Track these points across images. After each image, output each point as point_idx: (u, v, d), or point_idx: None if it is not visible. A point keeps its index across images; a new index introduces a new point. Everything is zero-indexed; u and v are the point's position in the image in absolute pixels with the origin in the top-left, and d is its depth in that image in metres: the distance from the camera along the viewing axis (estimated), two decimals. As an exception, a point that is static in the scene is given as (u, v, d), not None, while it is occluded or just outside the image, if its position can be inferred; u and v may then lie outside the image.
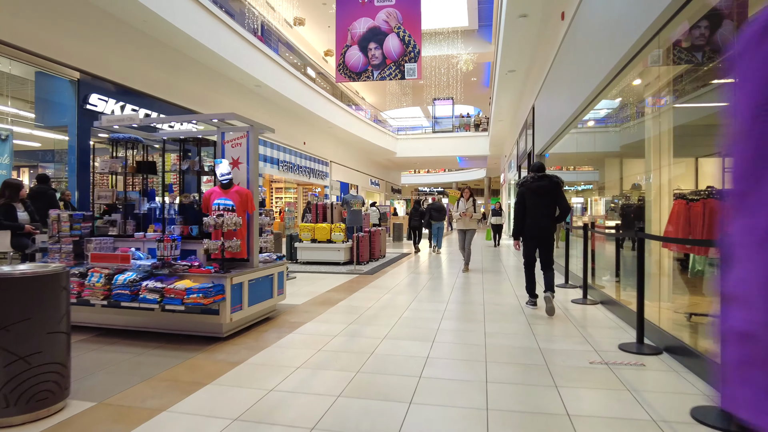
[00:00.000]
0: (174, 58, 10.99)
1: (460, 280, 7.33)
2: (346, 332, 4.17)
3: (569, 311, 5.13)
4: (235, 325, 4.07)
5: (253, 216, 4.37)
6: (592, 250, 5.84)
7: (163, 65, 10.91)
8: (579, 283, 6.68)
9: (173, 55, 10.87)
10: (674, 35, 4.03)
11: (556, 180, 5.01)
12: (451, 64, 23.38)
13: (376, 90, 28.21)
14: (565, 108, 7.90)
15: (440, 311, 5.03)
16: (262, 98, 14.56)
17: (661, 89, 4.74)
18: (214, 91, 12.72)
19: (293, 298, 5.71)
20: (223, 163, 4.23)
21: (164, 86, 11.04)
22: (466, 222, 8.07)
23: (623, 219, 6.04)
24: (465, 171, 39.89)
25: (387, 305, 5.35)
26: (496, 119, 18.06)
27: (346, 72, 13.89)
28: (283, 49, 18.55)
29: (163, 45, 10.47)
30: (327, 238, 8.98)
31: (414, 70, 13.56)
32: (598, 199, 8.26)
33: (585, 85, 6.53)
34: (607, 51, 5.30)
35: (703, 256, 4.15)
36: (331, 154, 20.79)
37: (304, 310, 5.10)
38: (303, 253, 9.11)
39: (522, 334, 4.14)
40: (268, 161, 15.34)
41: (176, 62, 11.12)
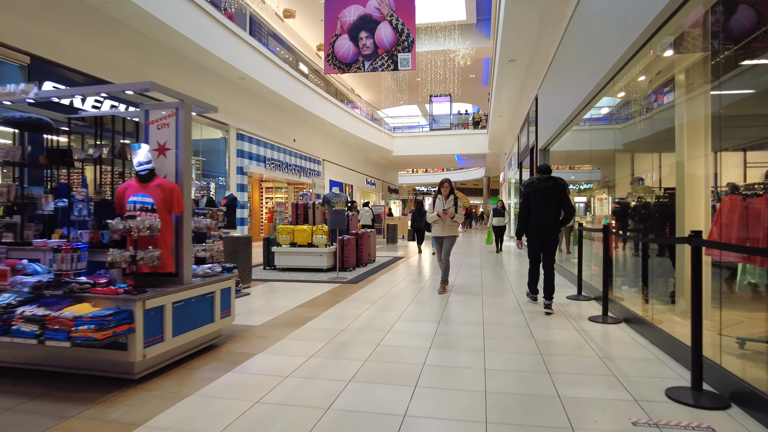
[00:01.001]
0: (147, 46, 9.97)
1: (455, 292, 6.30)
2: (303, 370, 3.14)
3: (588, 333, 4.09)
4: (154, 363, 3.04)
5: (184, 218, 3.34)
6: (609, 256, 4.81)
7: (135, 53, 9.89)
8: (593, 294, 5.65)
9: (146, 43, 9.85)
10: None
11: (561, 182, 5.11)
12: (448, 59, 22.36)
13: (372, 87, 27.19)
14: (573, 97, 6.88)
15: (429, 335, 4.00)
16: (247, 91, 13.54)
17: (694, 70, 3.73)
18: (191, 82, 11.70)
19: (253, 317, 4.68)
20: (142, 149, 3.20)
21: (135, 76, 10.02)
22: (445, 226, 6.04)
23: (642, 220, 5.03)
24: (463, 170, 38.88)
25: (365, 326, 4.32)
26: (495, 115, 17.02)
27: (335, 63, 12.88)
28: (274, 44, 17.54)
29: (133, 31, 9.45)
30: (308, 241, 7.95)
31: (408, 60, 12.55)
32: (603, 198, 7.25)
33: (595, 71, 5.53)
34: (622, 28, 4.29)
35: (764, 268, 3.13)
36: (324, 152, 19.77)
37: (260, 334, 4.07)
38: (281, 258, 8.08)
39: (533, 371, 3.11)
40: (254, 159, 14.31)
41: (150, 50, 10.11)
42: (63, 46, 8.14)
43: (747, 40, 3.01)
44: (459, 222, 6.11)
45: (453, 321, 4.53)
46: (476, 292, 6.08)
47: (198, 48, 10.28)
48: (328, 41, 12.93)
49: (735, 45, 3.11)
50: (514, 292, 6.08)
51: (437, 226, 6.08)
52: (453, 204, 6.02)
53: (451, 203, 6.01)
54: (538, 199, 5.03)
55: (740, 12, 3.08)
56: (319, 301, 5.54)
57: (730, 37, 3.14)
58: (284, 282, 6.95)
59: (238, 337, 3.97)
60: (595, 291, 5.69)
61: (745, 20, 3.07)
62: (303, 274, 7.66)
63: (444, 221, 6.01)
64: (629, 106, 5.55)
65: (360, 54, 12.76)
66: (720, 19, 3.21)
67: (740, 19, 3.08)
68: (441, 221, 6.03)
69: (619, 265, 5.75)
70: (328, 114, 17.43)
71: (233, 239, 6.36)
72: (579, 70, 6.56)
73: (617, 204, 6.03)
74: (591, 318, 4.64)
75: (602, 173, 6.96)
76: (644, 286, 4.77)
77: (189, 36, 9.71)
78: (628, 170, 5.61)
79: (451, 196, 6.07)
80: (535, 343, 3.76)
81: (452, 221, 6.05)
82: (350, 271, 8.07)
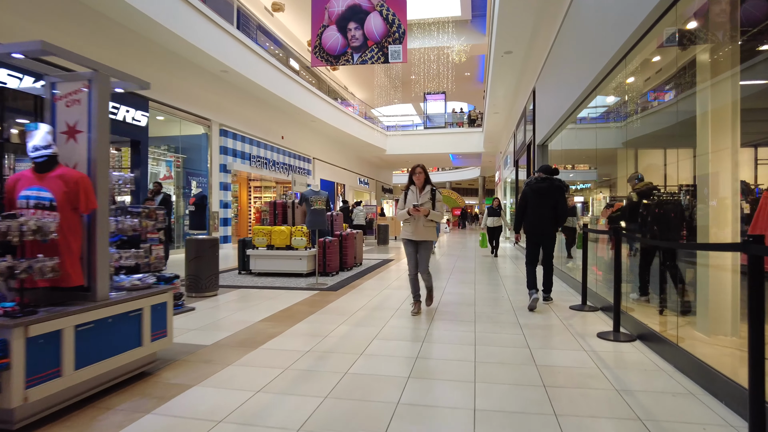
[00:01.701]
0: (119, 35, 9.24)
1: (444, 304, 5.62)
2: (243, 411, 2.45)
3: (599, 356, 3.42)
4: (46, 406, 2.34)
5: (97, 218, 2.64)
6: (617, 262, 4.14)
7: (106, 41, 9.16)
8: (599, 304, 4.99)
9: (117, 30, 9.11)
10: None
11: (559, 183, 5.09)
12: (442, 56, 21.71)
13: (365, 85, 26.50)
14: (573, 88, 6.23)
15: (409, 360, 3.31)
16: (231, 86, 12.81)
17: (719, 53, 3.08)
18: (170, 74, 10.97)
19: (206, 334, 3.98)
20: (39, 130, 2.50)
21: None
22: (419, 227, 4.60)
23: (652, 222, 4.39)
24: (459, 170, 38.27)
25: (335, 347, 3.63)
26: (490, 111, 16.37)
27: (322, 55, 12.18)
28: (263, 39, 16.82)
29: (100, 15, 8.72)
30: (286, 243, 7.25)
31: (399, 52, 11.87)
32: (601, 198, 6.61)
33: (597, 59, 4.89)
34: (629, 8, 3.64)
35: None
36: (315, 150, 19.05)
37: (207, 357, 3.37)
38: (257, 262, 7.37)
39: (537, 412, 2.43)
40: (238, 156, 13.59)
41: (122, 39, 9.37)
42: (10, 29, 7.40)
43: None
44: (437, 221, 4.74)
45: (440, 340, 3.84)
46: (468, 302, 5.40)
47: (174, 37, 9.54)
48: (315, 32, 12.23)
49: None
50: (511, 302, 5.40)
51: (408, 227, 4.63)
52: (429, 198, 4.57)
53: (428, 197, 4.56)
54: (534, 199, 5.08)
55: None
56: (288, 313, 4.84)
57: None
58: (256, 289, 6.24)
59: (180, 361, 3.26)
60: (601, 300, 5.03)
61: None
62: (280, 280, 6.97)
63: (417, 221, 4.58)
64: (634, 97, 4.90)
65: (349, 46, 12.06)
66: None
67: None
68: (413, 220, 4.60)
69: (627, 270, 5.10)
70: (318, 111, 16.72)
71: (196, 242, 5.65)
72: (579, 58, 5.91)
73: (620, 203, 5.38)
74: (600, 335, 3.97)
75: (604, 171, 6.30)
76: (659, 295, 4.11)
77: (164, 24, 8.98)
78: (638, 167, 4.97)
79: (428, 187, 4.63)
80: (537, 370, 3.08)
81: (428, 221, 4.60)
82: (332, 275, 7.37)
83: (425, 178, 4.66)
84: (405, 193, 4.72)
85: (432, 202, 4.60)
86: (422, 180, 4.65)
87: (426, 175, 4.67)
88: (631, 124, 5.07)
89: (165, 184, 11.56)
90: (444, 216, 4.95)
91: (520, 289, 6.22)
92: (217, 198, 12.68)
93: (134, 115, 9.89)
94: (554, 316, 4.70)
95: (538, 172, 5.23)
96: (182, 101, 11.44)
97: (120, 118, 9.52)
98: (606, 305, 4.84)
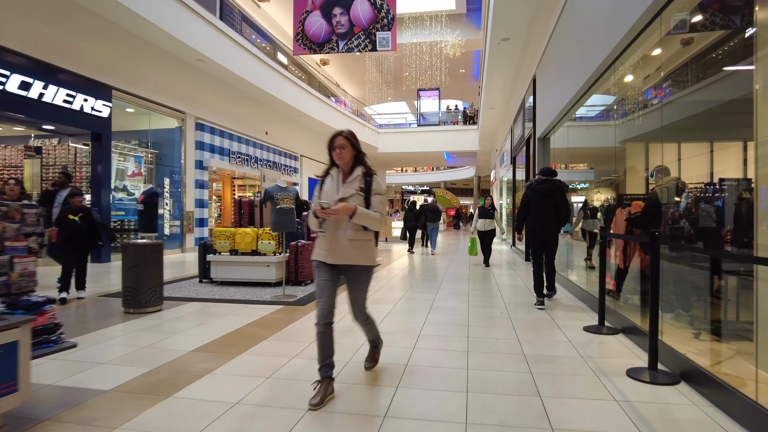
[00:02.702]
0: (81, 19, 8.21)
1: (431, 324, 4.65)
2: None
3: (637, 409, 2.45)
4: None
5: None
6: (654, 278, 3.18)
7: (65, 25, 8.15)
8: (619, 324, 4.04)
9: (78, 14, 8.08)
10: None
11: (559, 184, 5.09)
12: (436, 51, 20.76)
13: (357, 82, 25.51)
14: (579, 73, 5.31)
15: (375, 420, 2.34)
16: (208, 76, 11.79)
17: None
18: (138, 62, 9.96)
19: (109, 372, 2.98)
20: None
21: (66, 54, 8.28)
22: (338, 240, 2.60)
23: (690, 225, 3.48)
24: (454, 170, 37.41)
25: (275, 397, 2.65)
26: (486, 107, 15.43)
27: (305, 42, 11.19)
28: (249, 31, 15.81)
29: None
30: (252, 248, 6.25)
31: (387, 39, 10.90)
32: (607, 199, 5.69)
33: (608, 37, 3.95)
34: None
35: None
36: (302, 147, 18.05)
37: (89, 414, 2.37)
38: (218, 269, 6.37)
39: None
40: (216, 152, 12.58)
41: (85, 24, 8.35)
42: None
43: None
44: (375, 229, 2.66)
45: (420, 383, 2.87)
46: (460, 322, 4.44)
47: (143, 21, 8.50)
48: (297, 18, 11.23)
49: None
50: (511, 320, 4.45)
51: (325, 240, 2.64)
52: (357, 189, 2.58)
53: (355, 187, 2.59)
54: (536, 201, 5.07)
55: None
56: (236, 337, 3.86)
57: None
58: (210, 303, 5.25)
59: (47, 422, 2.27)
60: (620, 319, 4.07)
61: None
62: (244, 290, 5.98)
63: (336, 228, 2.60)
64: (650, 80, 3.95)
65: (334, 32, 11.09)
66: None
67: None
68: (330, 228, 2.61)
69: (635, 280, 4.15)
70: (306, 106, 15.72)
71: (135, 248, 4.65)
72: (589, 35, 4.97)
73: (639, 203, 4.46)
74: (631, 373, 3.00)
75: (608, 167, 5.35)
76: (704, 318, 3.16)
77: (130, 7, 7.94)
78: (660, 161, 4.03)
79: (358, 170, 2.64)
80: (548, 423, 2.12)
81: (357, 230, 2.59)
82: (306, 285, 6.39)
83: (353, 155, 2.64)
84: (321, 182, 2.75)
85: (365, 196, 2.58)
86: (348, 158, 2.62)
87: (354, 149, 2.64)
88: (653, 113, 4.12)
89: (133, 182, 10.55)
90: (378, 221, 2.58)
91: (520, 303, 5.26)
92: (192, 196, 11.66)
93: (94, 105, 8.86)
94: (567, 341, 3.75)
95: (539, 175, 5.23)
96: (153, 92, 10.42)
97: (76, 107, 8.50)
98: (627, 326, 3.89)
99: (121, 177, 10.28)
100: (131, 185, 10.55)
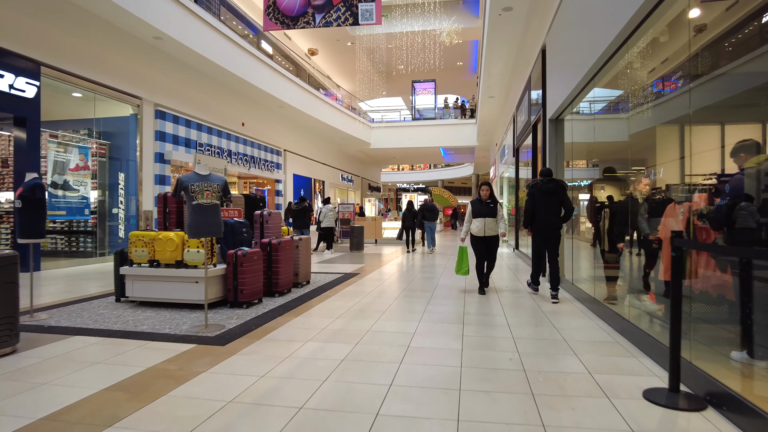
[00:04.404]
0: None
1: (399, 390, 3.05)
2: None
3: None
4: None
5: None
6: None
7: None
8: (703, 386, 2.42)
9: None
10: None
11: (562, 183, 5.36)
12: (431, 39, 19.14)
13: (348, 75, 23.89)
14: (604, 30, 3.72)
15: None
16: (169, 58, 10.18)
17: None
18: (80, 38, 8.36)
19: None
20: None
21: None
22: None
23: None
24: (451, 168, 35.84)
25: None
26: (485, 95, 13.84)
27: (277, 17, 9.58)
28: (229, 16, 14.23)
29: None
30: (177, 258, 4.66)
31: (371, 12, 9.30)
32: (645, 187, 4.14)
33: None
34: None
35: None
36: (286, 141, 16.44)
37: None
38: (135, 285, 4.77)
39: None
40: (181, 143, 10.98)
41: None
42: None
43: None
44: None
45: None
46: (449, 383, 2.87)
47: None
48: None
49: None
50: (527, 376, 2.87)
51: None
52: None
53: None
54: (542, 199, 5.30)
55: None
56: (78, 413, 2.27)
57: None
58: (99, 338, 3.66)
59: None
60: (702, 379, 2.48)
61: None
62: (164, 315, 4.39)
63: None
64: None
65: (309, 5, 9.49)
66: None
67: None
68: None
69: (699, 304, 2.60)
70: (288, 96, 14.11)
71: (-38, 263, 3.07)
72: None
73: (703, 195, 2.93)
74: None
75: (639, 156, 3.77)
76: None
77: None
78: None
79: None
80: None
81: None
82: (249, 307, 4.79)
83: None
84: None
85: None
86: None
87: None
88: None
89: (78, 177, 8.97)
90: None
91: (536, 340, 3.68)
92: (150, 194, 10.07)
93: (13, 82, 7.25)
94: (624, 423, 2.16)
95: (541, 176, 5.44)
96: (101, 73, 8.83)
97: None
98: (716, 391, 2.31)
99: (61, 170, 8.69)
100: (75, 180, 8.97)
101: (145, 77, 9.95)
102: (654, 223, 3.77)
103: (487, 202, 5.70)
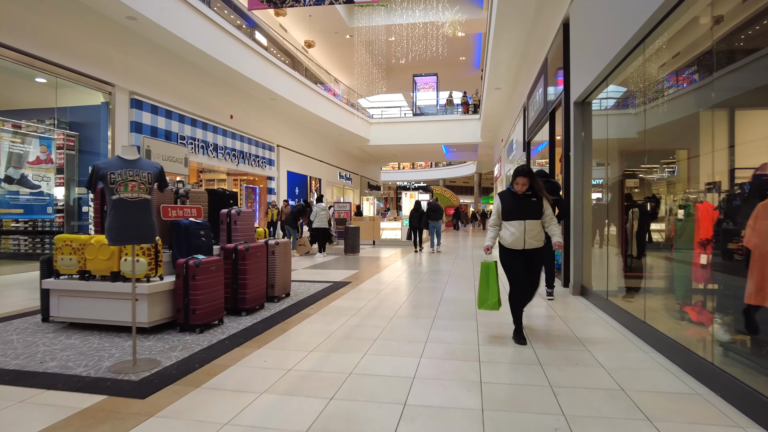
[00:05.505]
0: None
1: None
2: None
3: None
4: None
5: None
6: None
7: None
8: None
9: None
10: None
11: (558, 184, 5.51)
12: (433, 30, 18.08)
13: (348, 71, 22.84)
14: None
15: None
16: (147, 42, 9.16)
17: None
18: (46, 18, 7.33)
19: None
20: None
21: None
22: None
23: None
24: (453, 167, 34.80)
25: None
26: (491, 86, 12.77)
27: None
28: (221, 5, 13.22)
29: None
30: (113, 268, 3.63)
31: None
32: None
33: None
34: None
35: None
36: (279, 136, 15.39)
37: None
38: (63, 303, 3.74)
39: None
40: (160, 135, 9.94)
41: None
42: None
43: None
44: None
45: None
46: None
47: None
48: (253, -37, 8.61)
49: None
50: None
51: None
52: None
53: None
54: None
55: None
56: None
57: None
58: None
59: None
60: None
61: None
62: (92, 342, 3.37)
63: None
64: None
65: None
66: None
67: None
68: None
69: None
70: (281, 88, 13.08)
71: None
72: None
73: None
74: None
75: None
76: None
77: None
78: None
79: None
80: None
81: None
82: (201, 331, 3.75)
83: None
84: None
85: None
86: None
87: None
88: None
89: (40, 171, 7.95)
90: None
91: (595, 404, 2.64)
92: (124, 191, 9.04)
93: (-49, 61, 6.21)
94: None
95: (539, 178, 4.75)
96: (64, 55, 7.79)
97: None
98: None
99: (17, 164, 7.67)
100: (35, 175, 7.95)
101: (119, 62, 8.91)
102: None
103: (527, 194, 3.55)
